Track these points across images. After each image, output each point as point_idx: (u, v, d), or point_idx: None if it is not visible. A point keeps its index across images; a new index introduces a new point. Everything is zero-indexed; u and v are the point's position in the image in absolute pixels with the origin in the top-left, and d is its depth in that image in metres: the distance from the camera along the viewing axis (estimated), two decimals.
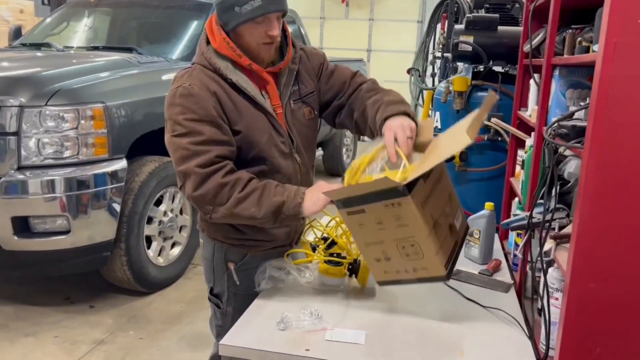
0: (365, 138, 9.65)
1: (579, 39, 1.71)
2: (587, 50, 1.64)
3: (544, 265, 1.51)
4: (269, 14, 1.60)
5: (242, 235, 1.76)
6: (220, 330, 1.80)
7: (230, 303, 1.83)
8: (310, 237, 2.00)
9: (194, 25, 4.17)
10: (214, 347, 1.93)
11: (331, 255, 1.80)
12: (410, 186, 1.41)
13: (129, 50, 3.89)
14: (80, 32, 4.49)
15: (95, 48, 4.07)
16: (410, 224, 1.45)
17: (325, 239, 1.88)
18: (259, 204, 1.56)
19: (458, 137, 1.47)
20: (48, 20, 4.70)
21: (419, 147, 1.60)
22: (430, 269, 1.51)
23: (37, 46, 4.18)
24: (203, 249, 1.87)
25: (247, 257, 1.79)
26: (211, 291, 1.87)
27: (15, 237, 2.90)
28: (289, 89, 1.75)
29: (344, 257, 1.80)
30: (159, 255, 3.54)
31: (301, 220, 1.61)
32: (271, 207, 1.56)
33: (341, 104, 1.83)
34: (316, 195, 1.57)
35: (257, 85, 1.69)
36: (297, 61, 1.77)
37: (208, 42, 1.68)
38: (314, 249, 1.87)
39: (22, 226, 2.91)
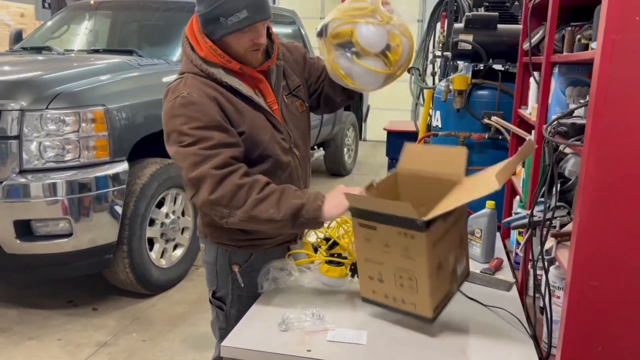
0: (367, 137, 9.68)
1: (578, 36, 1.71)
2: (586, 47, 1.64)
3: (545, 264, 1.51)
4: (256, 24, 1.59)
5: (249, 235, 1.75)
6: (224, 333, 1.79)
7: (234, 305, 1.82)
8: (312, 237, 2.00)
9: None
10: (216, 349, 1.93)
11: (332, 255, 1.80)
12: (429, 222, 1.37)
13: (129, 52, 3.91)
14: (80, 35, 4.51)
15: (96, 51, 4.09)
16: (416, 259, 1.42)
17: (327, 240, 1.88)
18: (277, 206, 1.52)
19: (486, 181, 1.43)
20: (49, 23, 4.71)
21: (447, 182, 1.57)
22: (418, 307, 1.49)
23: (38, 50, 4.19)
24: (205, 253, 1.85)
25: (251, 258, 1.79)
26: (213, 294, 1.87)
27: (18, 241, 2.91)
28: (281, 84, 1.76)
29: (346, 258, 1.80)
30: (161, 257, 3.55)
31: (320, 225, 1.58)
32: (290, 209, 1.52)
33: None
34: (338, 199, 1.53)
35: (250, 85, 1.69)
36: (281, 57, 1.78)
37: (193, 49, 1.65)
38: (315, 250, 1.87)
39: (24, 229, 2.93)
